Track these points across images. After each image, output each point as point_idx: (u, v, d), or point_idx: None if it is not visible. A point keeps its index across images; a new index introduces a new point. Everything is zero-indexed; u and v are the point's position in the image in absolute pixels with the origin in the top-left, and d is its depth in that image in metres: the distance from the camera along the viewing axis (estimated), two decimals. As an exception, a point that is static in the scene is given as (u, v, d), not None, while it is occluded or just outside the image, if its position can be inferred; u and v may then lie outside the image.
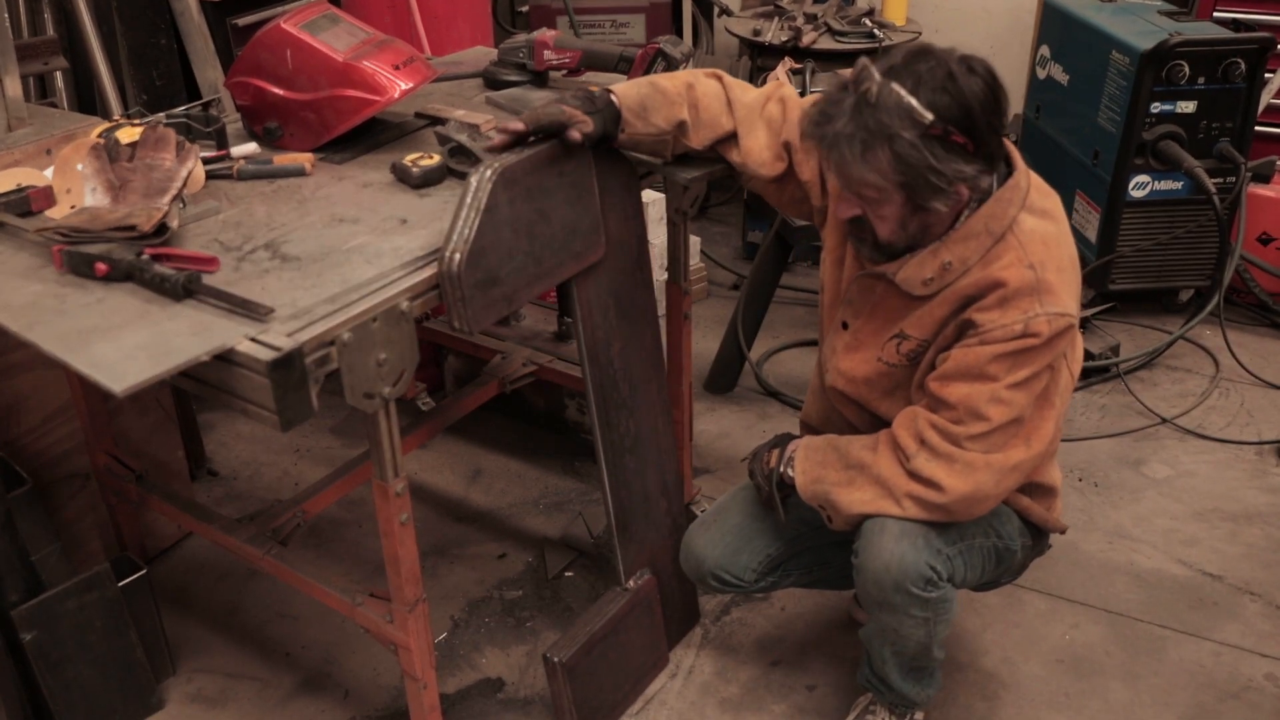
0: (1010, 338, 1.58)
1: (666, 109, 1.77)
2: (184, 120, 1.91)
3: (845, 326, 1.78)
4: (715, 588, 1.97)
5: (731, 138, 1.83)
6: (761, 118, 1.83)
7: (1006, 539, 1.83)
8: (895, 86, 1.48)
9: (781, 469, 1.82)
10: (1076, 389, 3.07)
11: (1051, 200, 1.69)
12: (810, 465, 1.78)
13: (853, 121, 1.49)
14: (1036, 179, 1.70)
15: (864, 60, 1.53)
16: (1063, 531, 1.92)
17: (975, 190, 1.57)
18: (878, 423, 1.79)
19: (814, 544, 1.95)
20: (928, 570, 1.68)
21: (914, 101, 1.47)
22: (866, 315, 1.74)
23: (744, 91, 1.86)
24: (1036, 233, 1.62)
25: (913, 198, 1.53)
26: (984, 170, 1.55)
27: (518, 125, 1.67)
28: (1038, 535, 1.89)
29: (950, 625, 1.80)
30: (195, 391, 1.45)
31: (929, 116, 1.47)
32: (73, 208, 1.68)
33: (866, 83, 1.49)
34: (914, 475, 1.66)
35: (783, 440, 1.88)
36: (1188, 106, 3.13)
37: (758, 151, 1.82)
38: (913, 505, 1.67)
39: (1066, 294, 1.61)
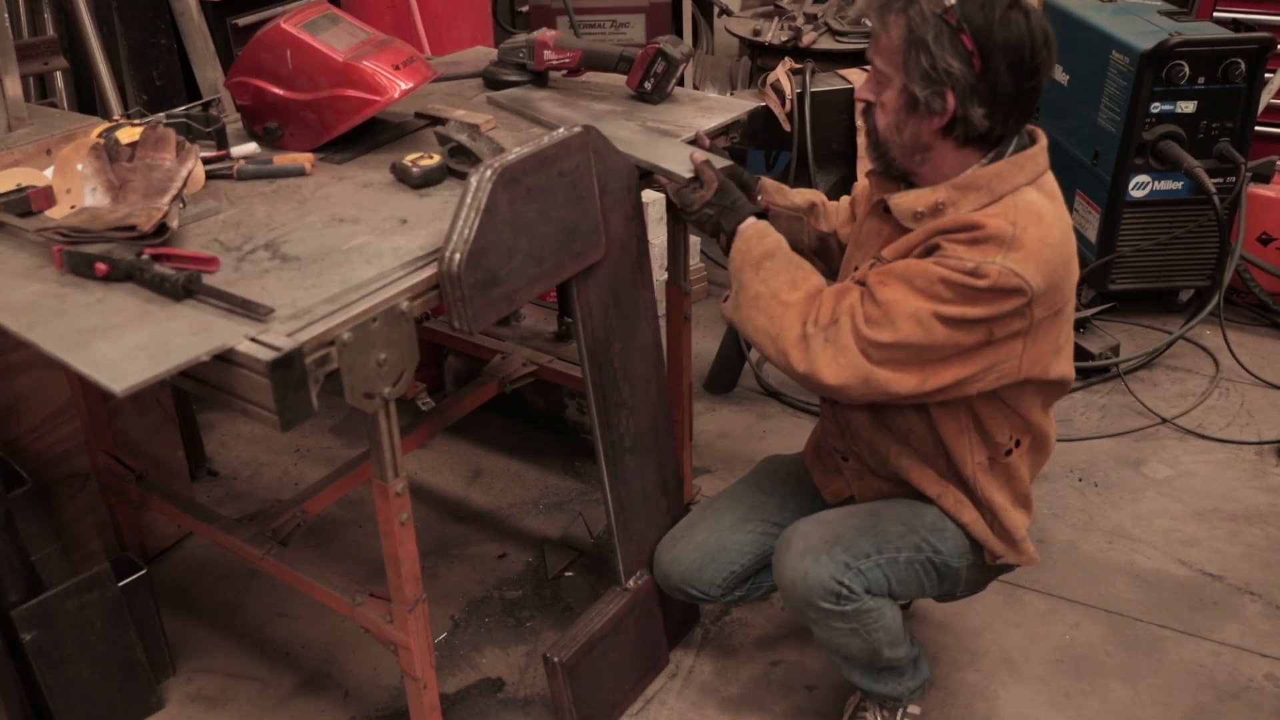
0: (960, 270, 1.55)
1: (799, 195, 1.98)
2: (184, 120, 1.91)
3: (855, 271, 1.77)
4: (684, 599, 2.01)
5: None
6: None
7: (946, 555, 1.80)
8: None
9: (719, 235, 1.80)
10: (1076, 389, 3.08)
11: (1060, 198, 1.68)
12: (739, 257, 1.74)
13: None
14: (1051, 177, 1.70)
15: None
16: (1019, 565, 1.88)
17: (964, 115, 1.57)
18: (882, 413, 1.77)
19: None
20: (833, 584, 1.70)
21: None
22: (868, 254, 1.75)
23: None
24: (1034, 205, 1.60)
25: (908, 84, 1.57)
26: (978, 103, 1.55)
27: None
28: (977, 554, 1.84)
29: (894, 630, 1.79)
30: (195, 391, 1.45)
31: (949, 2, 1.52)
32: (73, 208, 1.68)
33: None
34: (803, 340, 1.63)
35: (722, 208, 1.78)
36: (1188, 106, 3.13)
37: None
38: (782, 353, 1.64)
39: (1034, 265, 1.55)
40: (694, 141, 1.95)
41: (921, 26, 1.53)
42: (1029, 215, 1.59)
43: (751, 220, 1.76)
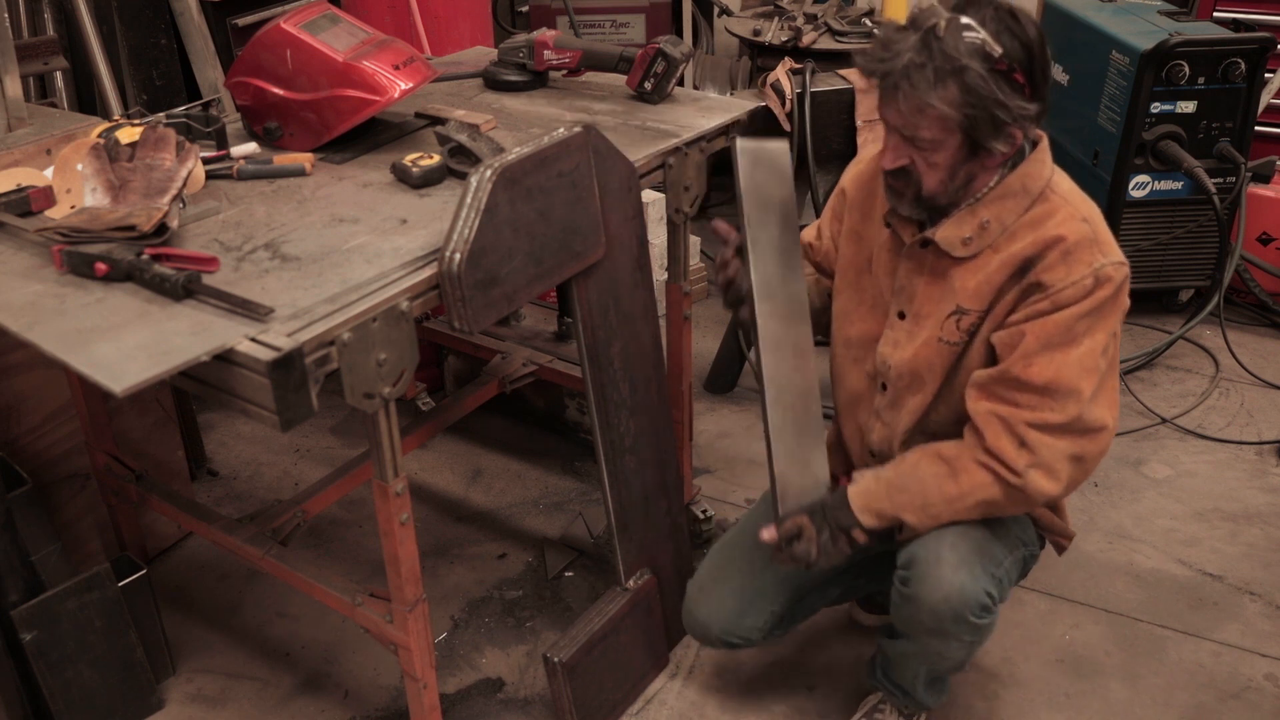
0: (1084, 294, 1.56)
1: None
2: (184, 120, 1.90)
3: (902, 316, 1.73)
4: (724, 648, 1.97)
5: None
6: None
7: (1030, 545, 1.83)
8: (964, 20, 1.49)
9: (851, 534, 1.71)
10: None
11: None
12: (876, 516, 1.69)
13: (922, 53, 1.49)
14: None
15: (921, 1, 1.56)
16: (1071, 538, 1.91)
17: (1026, 135, 1.58)
18: (939, 414, 1.74)
19: (816, 587, 1.96)
20: (985, 598, 1.67)
21: (984, 34, 1.49)
22: (921, 297, 1.70)
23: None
24: (1075, 191, 1.64)
25: (972, 136, 1.53)
26: (1039, 114, 1.55)
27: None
28: (1040, 540, 1.89)
29: None
30: (195, 391, 1.45)
31: (998, 50, 1.48)
32: (73, 208, 1.68)
33: (933, 19, 1.51)
34: (1022, 490, 1.61)
35: (834, 519, 1.71)
36: (1188, 106, 3.13)
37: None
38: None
39: (1117, 246, 1.61)
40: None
41: (983, 87, 1.48)
42: (1082, 201, 1.62)
43: (844, 496, 1.71)
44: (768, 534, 1.75)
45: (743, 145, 1.76)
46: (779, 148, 1.80)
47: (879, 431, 1.82)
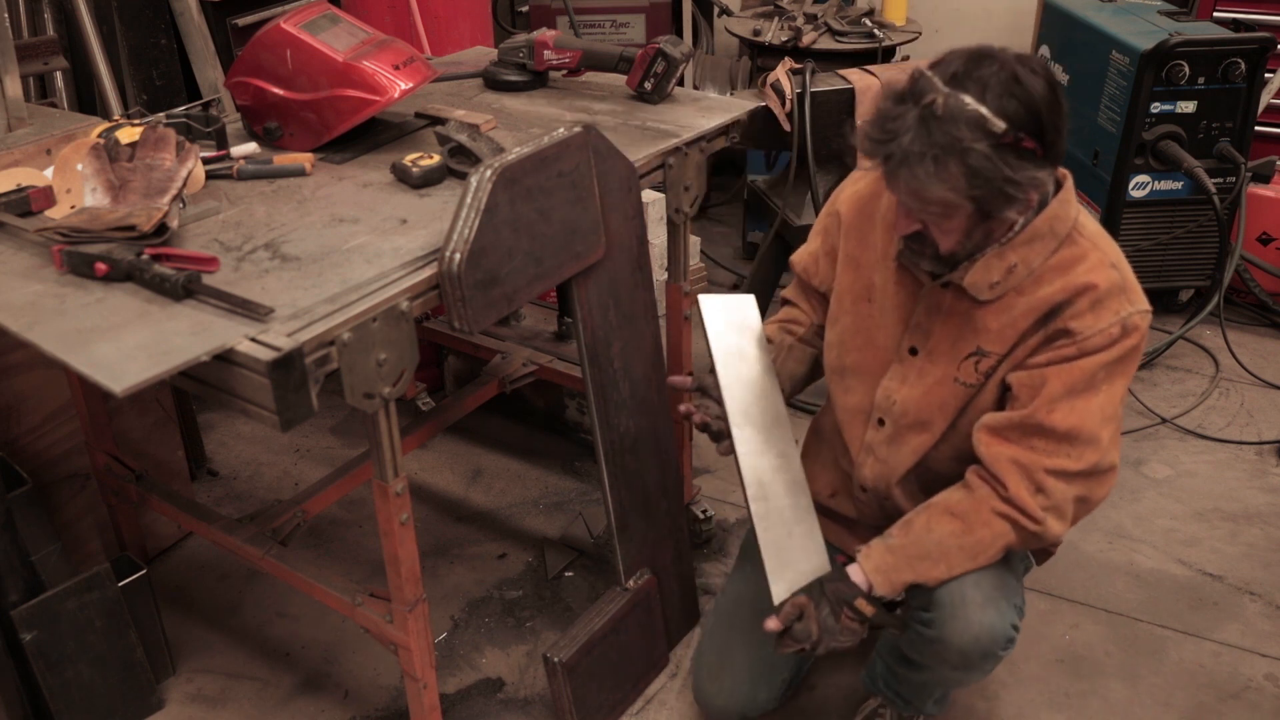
0: (1111, 342, 1.54)
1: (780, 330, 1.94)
2: (184, 120, 1.91)
3: (914, 352, 1.69)
4: None
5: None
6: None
7: (1027, 559, 1.85)
8: (963, 96, 1.40)
9: (879, 600, 1.67)
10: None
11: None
12: (894, 582, 1.65)
13: (920, 137, 1.41)
14: None
15: (921, 68, 1.46)
16: (1055, 548, 1.91)
17: (1043, 194, 1.54)
18: (937, 462, 1.72)
19: None
20: (1011, 631, 1.67)
21: (984, 110, 1.40)
22: (938, 334, 1.66)
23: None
24: (1101, 233, 1.60)
25: (983, 208, 1.47)
26: (1053, 172, 1.51)
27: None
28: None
29: None
30: (195, 391, 1.45)
31: (1001, 125, 1.40)
32: (73, 208, 1.68)
33: (930, 94, 1.42)
34: (1040, 535, 1.61)
35: (834, 594, 1.67)
36: (1188, 106, 3.13)
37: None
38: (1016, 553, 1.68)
39: (1141, 291, 1.59)
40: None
41: (988, 167, 1.40)
42: (1109, 245, 1.59)
43: (856, 569, 1.67)
44: (771, 624, 1.70)
45: (706, 301, 1.80)
46: (744, 301, 1.84)
47: (873, 468, 1.78)
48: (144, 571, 2.08)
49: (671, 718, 2.07)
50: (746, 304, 1.85)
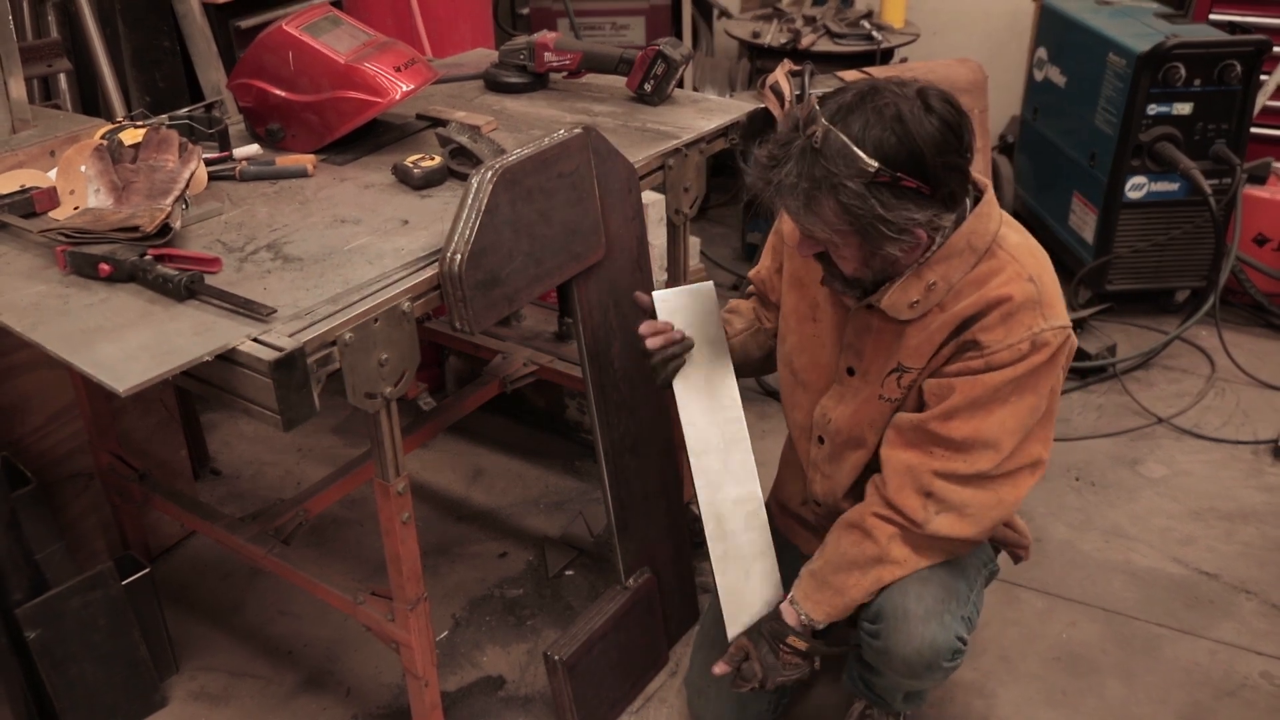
0: (1018, 358, 1.52)
1: (734, 318, 1.92)
2: (187, 122, 1.92)
3: (851, 373, 1.70)
4: None
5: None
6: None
7: (990, 564, 1.85)
8: (839, 133, 1.40)
9: (814, 629, 1.73)
10: (1074, 388, 3.10)
11: (1018, 224, 1.65)
12: (823, 605, 1.70)
13: (797, 169, 1.43)
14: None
15: (814, 100, 1.46)
16: (1028, 547, 1.92)
17: (934, 231, 1.50)
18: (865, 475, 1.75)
19: None
20: (956, 643, 1.67)
21: (856, 150, 1.39)
22: (869, 354, 1.67)
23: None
24: (1023, 245, 1.57)
25: (867, 242, 1.47)
26: (941, 212, 1.47)
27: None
28: (996, 551, 1.92)
29: None
30: (198, 391, 1.46)
31: (873, 165, 1.39)
32: (76, 209, 1.69)
33: (813, 126, 1.43)
34: (934, 539, 1.63)
35: (771, 632, 1.74)
36: (1184, 108, 3.14)
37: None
38: (931, 562, 1.66)
39: (1062, 306, 1.57)
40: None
41: (859, 205, 1.41)
42: (1030, 258, 1.56)
43: (788, 605, 1.73)
44: (718, 668, 1.78)
45: (660, 296, 1.79)
46: (701, 290, 1.81)
47: (821, 484, 1.81)
48: (147, 570, 2.10)
49: (671, 715, 2.08)
50: (704, 293, 1.81)
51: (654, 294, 1.79)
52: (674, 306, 1.79)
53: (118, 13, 2.81)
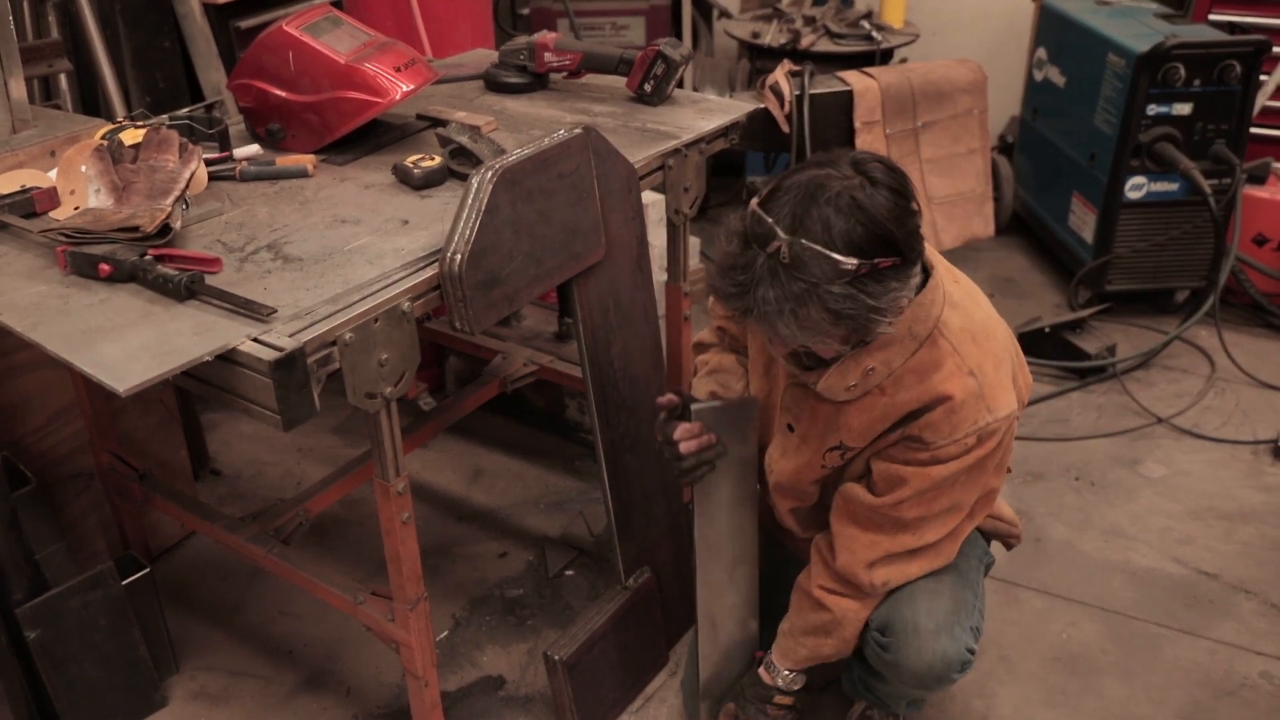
0: (964, 451, 1.54)
1: (708, 380, 1.91)
2: (187, 122, 1.92)
3: (790, 429, 1.72)
4: None
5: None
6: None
7: (986, 556, 1.89)
8: (805, 243, 1.35)
9: (793, 687, 1.86)
10: (1074, 388, 3.10)
11: (964, 283, 1.63)
12: (800, 660, 1.82)
13: (773, 288, 1.37)
14: (942, 262, 1.61)
15: (756, 208, 1.40)
16: (1019, 534, 1.96)
17: (915, 293, 1.49)
18: (818, 511, 1.80)
19: None
20: (966, 654, 1.69)
21: (830, 254, 1.35)
22: (807, 420, 1.67)
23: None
24: (966, 331, 1.54)
25: (857, 332, 1.45)
26: (916, 274, 1.46)
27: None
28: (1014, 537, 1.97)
29: None
30: (198, 391, 1.46)
31: (852, 262, 1.35)
32: (76, 209, 1.69)
33: (774, 242, 1.37)
34: (878, 593, 1.70)
35: (753, 692, 1.88)
36: (1184, 109, 3.15)
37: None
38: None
39: (1006, 389, 1.55)
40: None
41: (847, 304, 1.37)
42: (972, 350, 1.53)
43: (763, 669, 1.87)
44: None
45: (698, 409, 1.76)
46: (744, 406, 1.81)
47: (766, 509, 1.89)
48: (147, 570, 2.10)
49: (671, 715, 2.08)
50: (747, 410, 1.80)
51: (693, 407, 1.75)
52: (713, 422, 1.77)
53: (118, 13, 2.81)
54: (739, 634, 1.95)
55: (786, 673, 1.85)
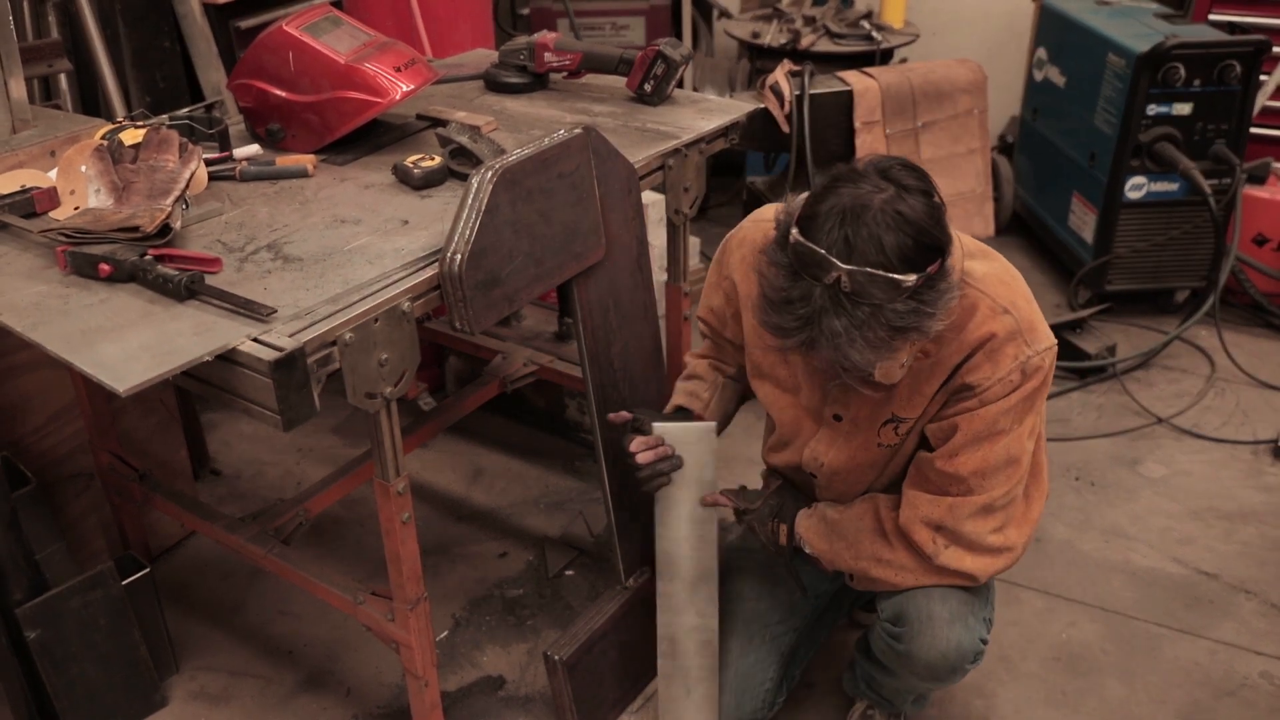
0: (1011, 389, 1.54)
1: (696, 392, 1.93)
2: (187, 122, 1.92)
3: (838, 419, 1.71)
4: None
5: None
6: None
7: None
8: (864, 268, 1.34)
9: (799, 547, 1.79)
10: (1074, 388, 3.10)
11: (978, 242, 1.66)
12: (825, 547, 1.76)
13: (839, 318, 1.36)
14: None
15: (800, 239, 1.37)
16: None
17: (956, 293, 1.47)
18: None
19: (802, 642, 2.00)
20: (979, 645, 1.69)
21: (889, 275, 1.34)
22: (857, 404, 1.67)
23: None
24: (991, 275, 1.57)
25: (915, 342, 1.45)
26: (953, 267, 1.45)
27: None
28: None
29: None
30: (198, 391, 1.46)
31: (911, 278, 1.35)
32: (76, 209, 1.69)
33: (832, 272, 1.35)
34: (942, 570, 1.65)
35: (783, 504, 1.83)
36: (1184, 109, 3.15)
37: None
38: (940, 584, 1.68)
39: (1042, 322, 1.58)
40: None
41: (911, 318, 1.37)
42: (1001, 289, 1.56)
43: (805, 534, 1.78)
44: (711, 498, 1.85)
45: (660, 428, 1.80)
46: (704, 430, 1.83)
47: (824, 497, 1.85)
48: (147, 570, 2.10)
49: (671, 715, 2.09)
50: (705, 433, 1.82)
51: (655, 425, 1.80)
52: (672, 439, 1.82)
53: (118, 13, 2.81)
54: (698, 658, 1.92)
55: (803, 544, 1.79)
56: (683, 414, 1.90)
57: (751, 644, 1.94)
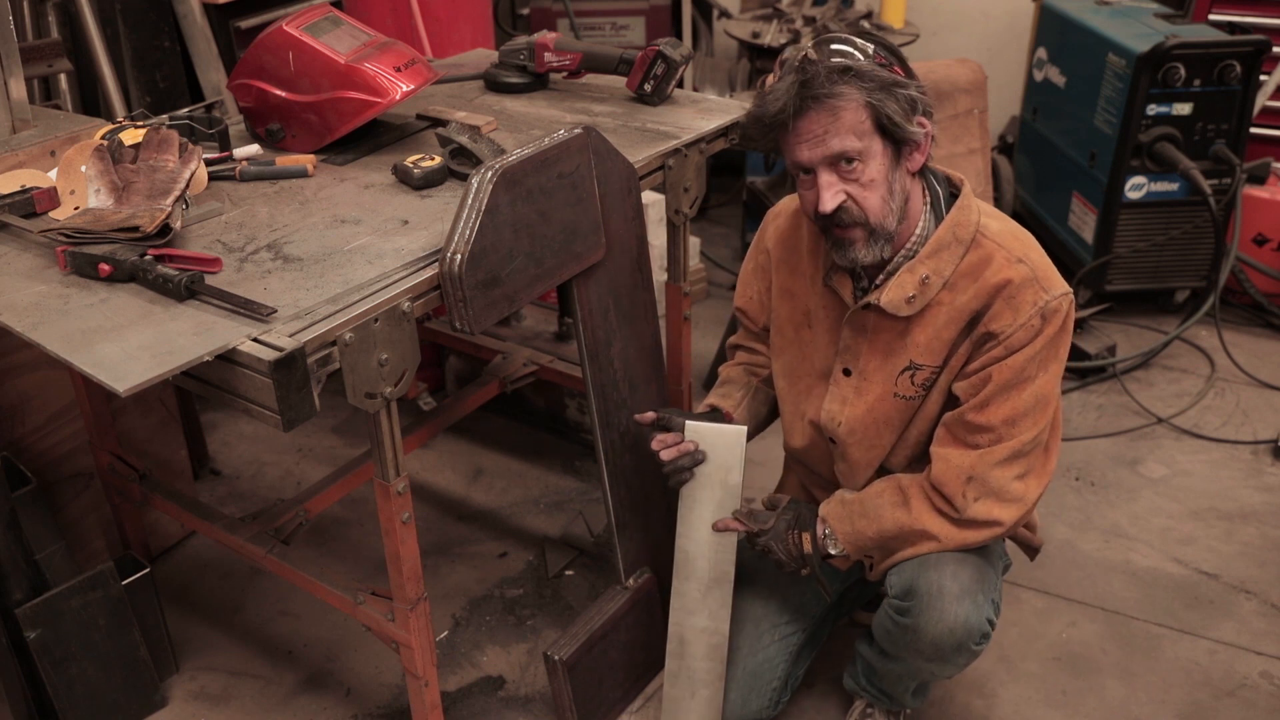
0: (1034, 334, 1.59)
1: (729, 395, 1.96)
2: (187, 122, 1.92)
3: (848, 373, 1.74)
4: None
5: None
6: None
7: (1005, 558, 1.89)
8: (830, 44, 1.55)
9: (825, 550, 1.77)
10: (1073, 389, 3.10)
11: (997, 211, 1.72)
12: (847, 529, 1.75)
13: (811, 78, 1.51)
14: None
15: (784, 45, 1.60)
16: (1038, 549, 1.97)
17: (928, 141, 1.59)
18: (880, 471, 1.79)
19: (806, 642, 2.00)
20: (986, 625, 1.69)
21: (849, 47, 1.54)
22: (868, 353, 1.72)
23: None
24: (1005, 231, 1.65)
25: (888, 129, 1.53)
26: (926, 110, 1.57)
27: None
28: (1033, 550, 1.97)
29: None
30: (198, 391, 1.46)
31: (869, 47, 1.54)
32: (76, 209, 1.69)
33: (801, 52, 1.55)
34: (971, 523, 1.66)
35: (799, 515, 1.81)
36: (1184, 109, 3.15)
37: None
38: (967, 543, 1.69)
39: (1056, 274, 1.64)
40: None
41: (876, 72, 1.52)
42: (1015, 243, 1.63)
43: (831, 525, 1.76)
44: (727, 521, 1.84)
45: (692, 427, 1.81)
46: (735, 434, 1.82)
47: (844, 482, 1.86)
48: (147, 570, 2.10)
49: (671, 715, 2.09)
50: (736, 437, 1.82)
51: (687, 425, 1.82)
52: (699, 438, 1.82)
53: (118, 13, 2.81)
54: (706, 661, 1.92)
55: (830, 537, 1.77)
56: (714, 415, 1.91)
57: (761, 643, 1.95)
